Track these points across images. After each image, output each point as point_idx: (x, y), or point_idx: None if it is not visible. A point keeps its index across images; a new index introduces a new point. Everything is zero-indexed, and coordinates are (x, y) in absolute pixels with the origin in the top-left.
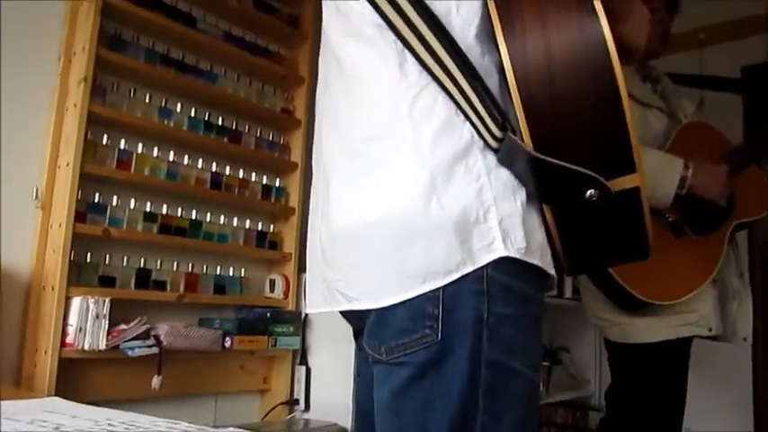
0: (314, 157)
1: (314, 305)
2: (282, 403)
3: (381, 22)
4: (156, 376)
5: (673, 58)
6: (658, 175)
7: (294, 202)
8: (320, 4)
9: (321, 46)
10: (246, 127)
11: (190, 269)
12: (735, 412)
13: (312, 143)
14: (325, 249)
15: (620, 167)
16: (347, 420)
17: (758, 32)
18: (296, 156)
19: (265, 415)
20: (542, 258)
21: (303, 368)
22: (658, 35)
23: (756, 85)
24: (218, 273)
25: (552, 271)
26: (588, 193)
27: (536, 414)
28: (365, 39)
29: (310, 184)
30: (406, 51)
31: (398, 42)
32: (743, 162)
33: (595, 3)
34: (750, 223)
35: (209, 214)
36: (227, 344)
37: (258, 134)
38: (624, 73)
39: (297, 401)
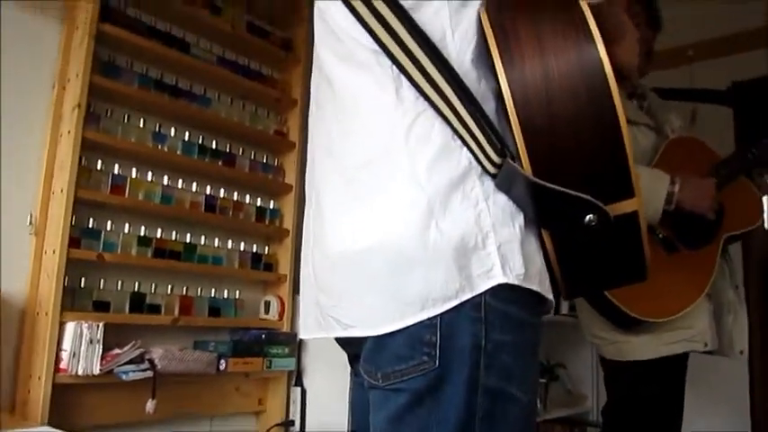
0: (307, 180)
1: (308, 331)
2: (278, 425)
3: (377, 47)
4: (150, 400)
5: (662, 74)
6: (646, 191)
7: (288, 223)
8: (313, 26)
9: (313, 67)
10: (240, 150)
11: (184, 292)
12: (732, 427)
13: (306, 165)
14: (318, 274)
15: (619, 192)
16: None
17: (747, 49)
18: (290, 177)
19: None
20: (541, 284)
21: (299, 389)
22: (643, 53)
23: (746, 101)
24: (212, 295)
25: (551, 296)
26: (587, 218)
27: None
28: (359, 63)
29: (304, 205)
30: (402, 77)
31: (394, 68)
32: (731, 174)
33: (592, 28)
34: (742, 235)
35: (203, 237)
36: (222, 366)
37: (252, 157)
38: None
39: (292, 423)
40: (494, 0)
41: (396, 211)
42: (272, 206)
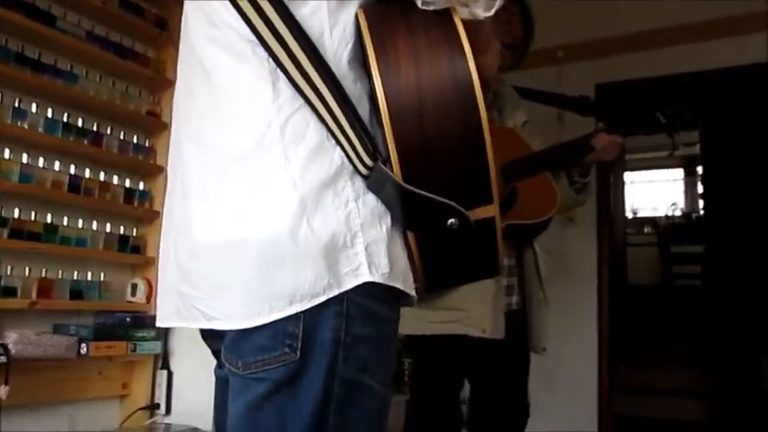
0: (171, 164)
1: (166, 319)
2: (142, 408)
3: (254, 38)
4: (2, 386)
5: (533, 72)
6: None
7: (159, 205)
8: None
9: (181, 46)
10: (109, 129)
11: (44, 274)
12: (580, 427)
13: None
14: (182, 264)
15: (480, 199)
16: (210, 424)
17: (613, 53)
18: (162, 159)
19: (124, 421)
20: (404, 282)
21: (165, 373)
22: (510, 64)
23: (609, 103)
24: (75, 278)
25: (413, 293)
26: (450, 221)
27: (385, 427)
28: (236, 53)
29: None
30: (279, 71)
31: (271, 61)
32: (522, 172)
33: (464, 43)
34: (525, 227)
35: (66, 218)
36: (84, 350)
37: (122, 136)
38: None
39: (158, 406)
40: (373, 4)
41: (268, 206)
42: (141, 187)
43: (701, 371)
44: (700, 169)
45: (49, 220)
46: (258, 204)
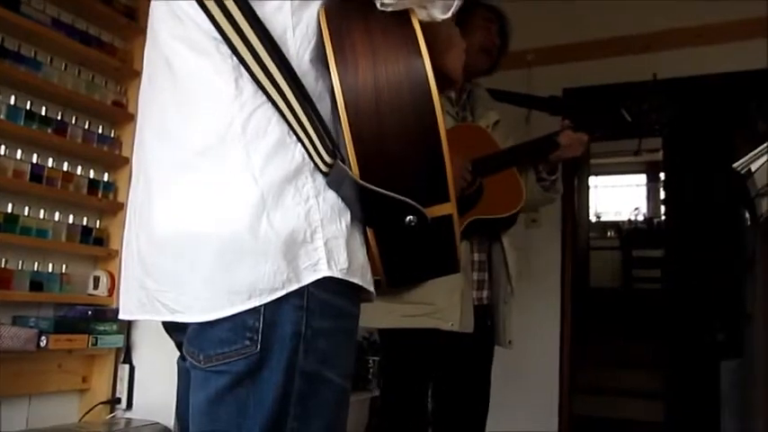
0: (135, 157)
1: (128, 312)
2: (103, 403)
3: (218, 35)
4: None
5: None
6: None
7: (123, 197)
8: None
9: (148, 40)
10: (74, 118)
11: (3, 265)
12: (540, 426)
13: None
14: (145, 257)
15: (437, 197)
16: (172, 420)
17: (581, 58)
18: (127, 150)
19: (84, 415)
20: (363, 277)
21: (127, 367)
22: (485, 69)
23: (575, 106)
24: (35, 269)
25: (372, 288)
26: (408, 218)
27: (345, 419)
28: (200, 49)
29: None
30: (242, 67)
31: (234, 58)
32: (490, 168)
33: (421, 45)
34: (491, 221)
35: (27, 208)
36: (43, 343)
37: (87, 126)
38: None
39: (119, 400)
40: (335, 3)
41: (229, 201)
42: (106, 179)
43: (660, 373)
44: (662, 175)
45: (9, 210)
46: (219, 199)
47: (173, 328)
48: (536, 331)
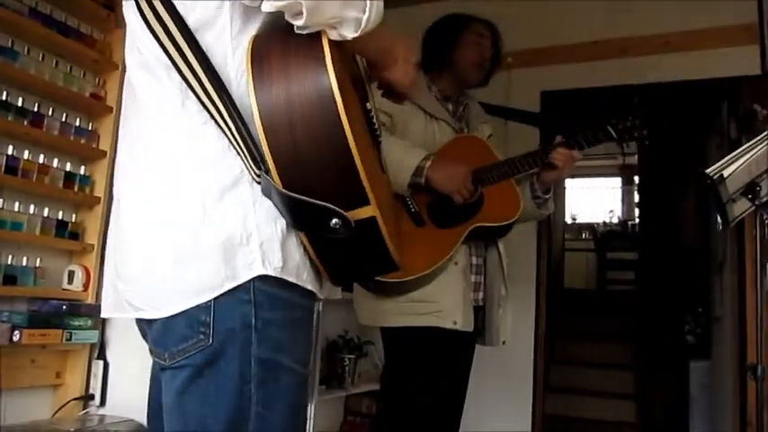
0: (116, 168)
1: (106, 310)
2: (76, 399)
3: (169, 62)
4: None
5: None
6: (400, 161)
7: (100, 191)
8: None
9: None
10: (50, 110)
11: None
12: (514, 426)
13: (117, 131)
14: (117, 262)
15: (357, 201)
16: (145, 416)
17: (560, 62)
18: (105, 143)
19: (56, 411)
20: (298, 276)
21: (101, 363)
22: (478, 81)
23: (552, 109)
24: (9, 263)
25: (309, 286)
26: (332, 222)
27: (305, 402)
28: (154, 74)
29: (117, 173)
30: (189, 90)
31: (183, 83)
32: (489, 178)
33: (327, 62)
34: (492, 229)
35: (1, 201)
36: (16, 337)
37: (64, 118)
38: (419, 82)
39: (92, 397)
40: (265, 27)
41: (176, 209)
42: (82, 172)
43: (632, 373)
44: (637, 178)
45: None
46: (168, 208)
47: (148, 335)
48: (511, 331)
